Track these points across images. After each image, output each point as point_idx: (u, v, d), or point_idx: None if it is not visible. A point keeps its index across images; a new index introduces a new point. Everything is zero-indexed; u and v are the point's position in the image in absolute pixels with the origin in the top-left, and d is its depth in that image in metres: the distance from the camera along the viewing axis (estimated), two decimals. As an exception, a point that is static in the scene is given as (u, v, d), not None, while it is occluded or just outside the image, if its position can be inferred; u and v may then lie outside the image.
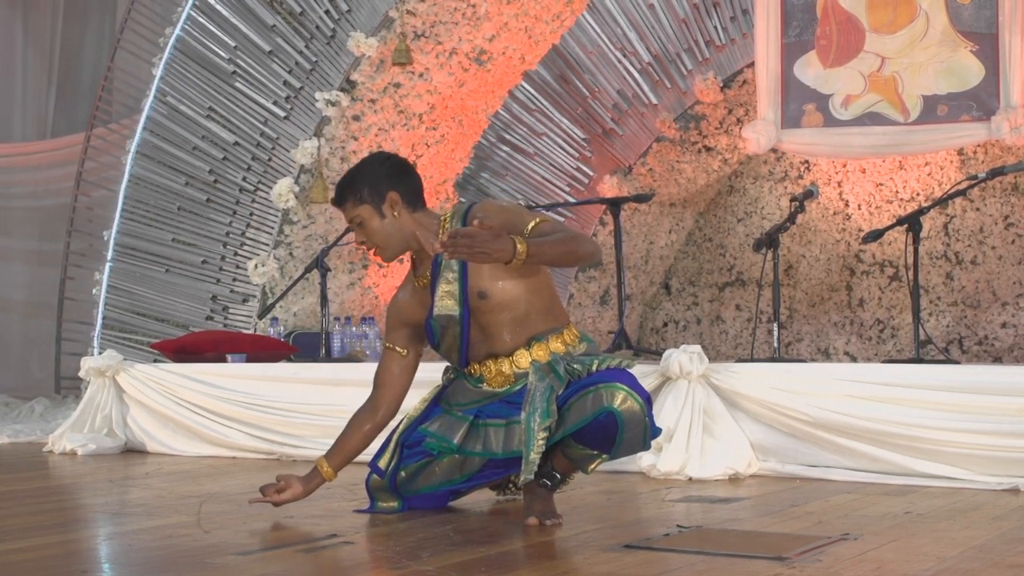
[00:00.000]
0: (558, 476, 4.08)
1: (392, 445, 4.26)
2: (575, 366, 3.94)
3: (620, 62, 8.61)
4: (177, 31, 8.45)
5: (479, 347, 4.11)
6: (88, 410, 6.88)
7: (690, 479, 5.18)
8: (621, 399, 3.78)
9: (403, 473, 4.23)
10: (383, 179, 4.08)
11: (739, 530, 3.89)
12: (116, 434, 6.80)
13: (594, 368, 3.91)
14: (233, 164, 8.41)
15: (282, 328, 7.85)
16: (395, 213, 4.06)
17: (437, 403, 4.27)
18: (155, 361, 7.35)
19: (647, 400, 3.85)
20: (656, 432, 3.96)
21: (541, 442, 3.81)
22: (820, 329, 9.11)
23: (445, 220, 4.09)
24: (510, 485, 4.45)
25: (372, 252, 4.15)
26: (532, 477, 3.85)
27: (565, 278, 9.16)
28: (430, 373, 4.51)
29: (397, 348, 4.24)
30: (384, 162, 4.17)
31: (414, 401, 4.35)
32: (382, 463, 4.26)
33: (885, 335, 8.90)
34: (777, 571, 3.17)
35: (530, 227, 3.91)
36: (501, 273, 3.96)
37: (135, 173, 8.57)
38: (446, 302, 4.06)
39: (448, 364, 4.31)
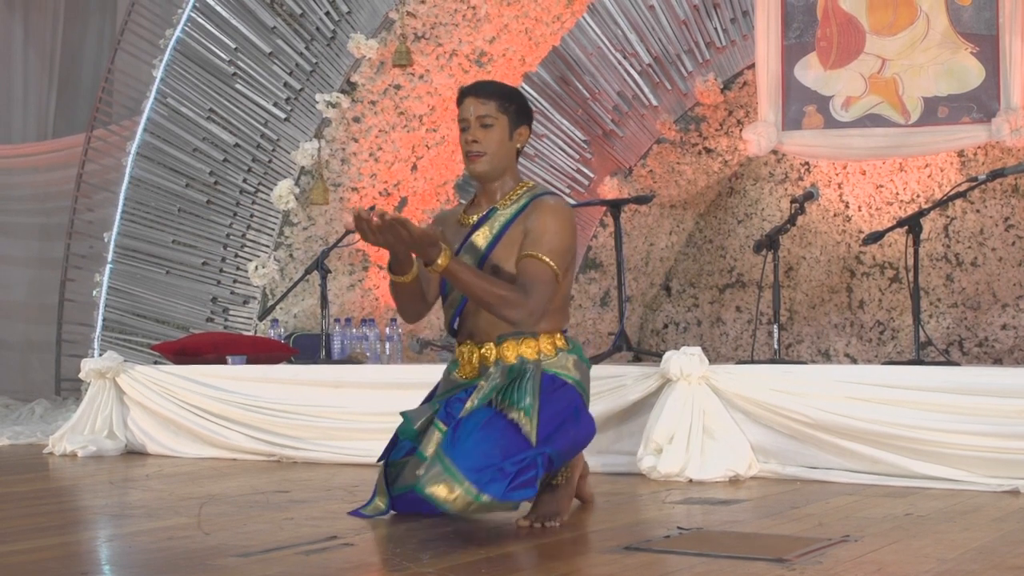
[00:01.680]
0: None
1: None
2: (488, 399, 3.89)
3: (620, 64, 8.61)
4: (177, 33, 8.46)
5: (468, 321, 4.13)
6: (88, 412, 6.89)
7: (690, 481, 5.18)
8: (445, 495, 3.67)
9: (392, 469, 4.16)
10: (528, 113, 4.22)
11: (739, 532, 3.89)
12: (116, 436, 6.81)
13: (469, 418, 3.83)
14: (233, 166, 8.41)
15: (282, 330, 7.85)
16: (517, 145, 4.17)
17: (431, 396, 4.27)
18: (155, 363, 7.36)
19: (474, 470, 3.69)
20: (509, 499, 3.75)
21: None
22: (820, 331, 9.11)
23: (522, 187, 4.17)
24: None
25: (472, 155, 4.11)
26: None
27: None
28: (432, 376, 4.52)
29: None
30: (529, 103, 4.26)
31: None
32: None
33: (885, 337, 8.91)
34: (777, 573, 3.17)
35: (525, 253, 3.97)
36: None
37: (135, 175, 8.57)
38: (468, 255, 4.09)
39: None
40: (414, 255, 3.89)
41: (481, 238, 4.11)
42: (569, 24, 8.33)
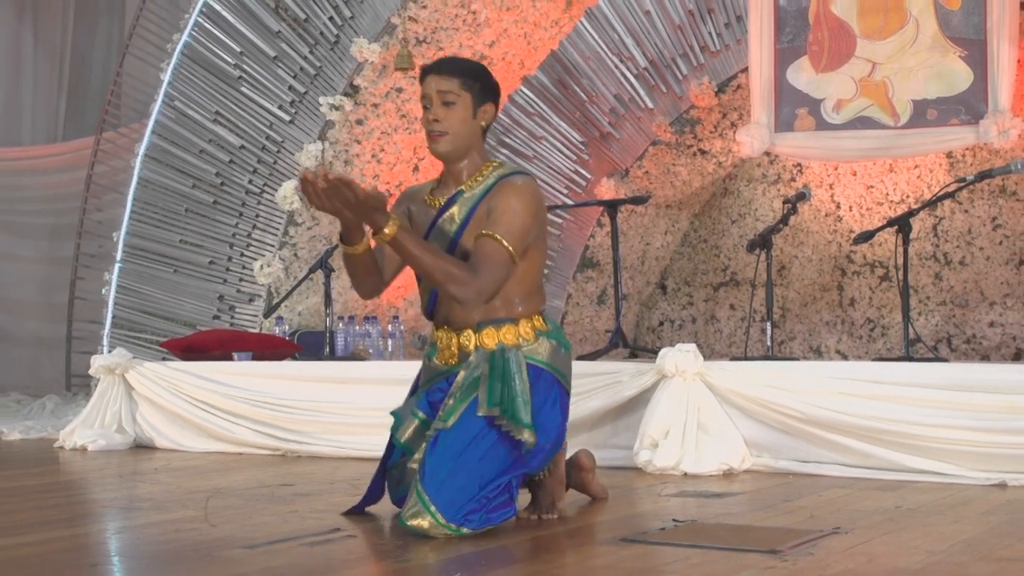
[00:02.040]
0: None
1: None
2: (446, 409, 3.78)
3: (617, 67, 8.61)
4: (185, 37, 8.46)
5: (443, 304, 3.94)
6: (98, 407, 6.89)
7: (685, 474, 5.18)
8: (427, 527, 3.59)
9: (393, 472, 4.01)
10: (494, 90, 3.99)
11: (733, 524, 3.89)
12: (125, 430, 6.81)
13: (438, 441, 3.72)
14: (239, 167, 8.42)
15: (287, 327, 7.86)
16: (482, 123, 3.95)
17: (415, 387, 4.12)
18: (163, 359, 7.36)
19: (451, 507, 3.61)
20: (489, 523, 3.68)
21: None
22: (812, 328, 9.11)
23: (489, 167, 3.96)
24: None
25: (434, 135, 3.88)
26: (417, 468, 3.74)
27: (563, 278, 9.16)
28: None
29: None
30: (494, 79, 4.02)
31: None
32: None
33: (876, 334, 8.91)
34: (770, 564, 3.17)
35: (482, 232, 3.78)
36: None
37: (144, 176, 8.57)
38: (437, 240, 3.92)
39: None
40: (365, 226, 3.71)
41: (449, 223, 3.92)
42: (567, 29, 8.33)
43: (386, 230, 3.61)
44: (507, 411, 3.73)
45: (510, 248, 3.76)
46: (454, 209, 3.92)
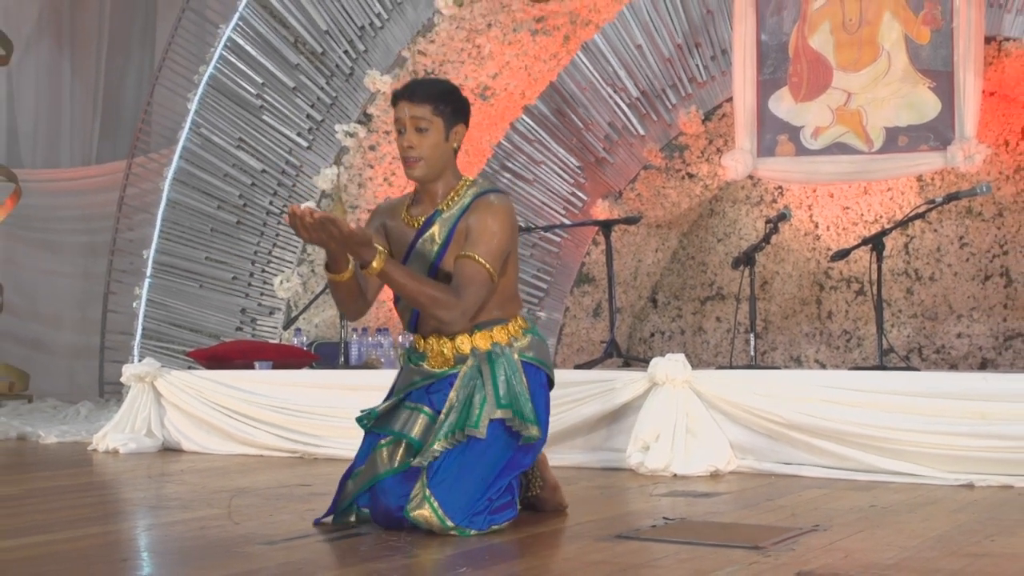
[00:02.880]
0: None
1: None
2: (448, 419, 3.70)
3: (611, 97, 8.62)
4: (210, 69, 8.47)
5: (429, 319, 3.82)
6: (129, 412, 6.88)
7: (675, 475, 5.18)
8: (435, 524, 3.56)
9: (352, 480, 3.87)
10: (464, 111, 3.88)
11: (719, 522, 3.88)
12: (154, 434, 6.80)
13: (439, 443, 3.66)
14: (261, 189, 8.42)
15: (305, 338, 7.85)
16: (453, 145, 3.84)
17: (389, 395, 4.00)
18: (190, 368, 7.36)
19: (459, 512, 3.58)
20: (494, 523, 3.65)
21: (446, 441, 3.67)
22: (792, 339, 9.10)
23: (463, 185, 3.87)
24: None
25: (409, 161, 3.78)
26: (426, 463, 3.65)
27: (561, 293, 9.15)
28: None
29: (377, 245, 3.70)
30: (465, 99, 3.92)
31: None
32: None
33: (851, 344, 8.90)
34: (754, 560, 3.17)
35: (462, 253, 3.72)
36: None
37: (172, 198, 8.59)
38: (417, 262, 3.82)
39: (402, 352, 4.05)
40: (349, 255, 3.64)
41: (429, 243, 3.82)
42: (565, 61, 8.35)
43: (373, 264, 3.55)
44: (516, 412, 3.72)
45: (489, 268, 3.71)
46: (434, 229, 3.83)
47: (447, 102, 3.81)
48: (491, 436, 3.68)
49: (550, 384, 3.95)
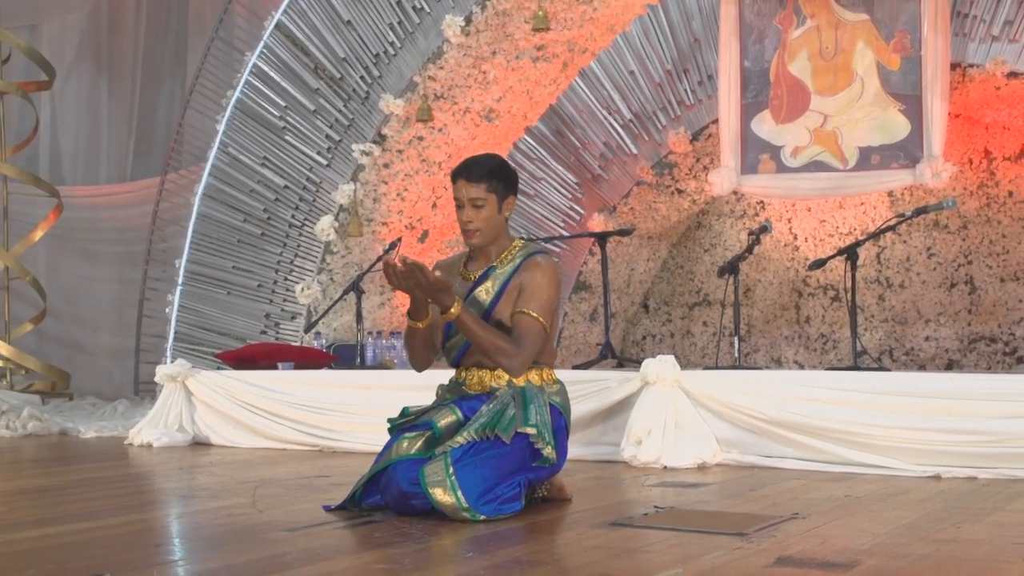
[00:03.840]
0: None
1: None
2: (480, 426, 3.77)
3: (606, 119, 8.63)
4: (237, 93, 8.48)
5: (473, 355, 3.99)
6: (162, 409, 6.89)
7: (665, 468, 5.18)
8: (448, 504, 3.61)
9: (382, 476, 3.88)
10: (514, 183, 4.02)
11: (706, 510, 3.89)
12: (185, 429, 6.81)
13: (471, 435, 3.74)
14: (283, 204, 8.43)
15: (324, 341, 7.86)
16: (506, 215, 3.99)
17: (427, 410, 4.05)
18: (218, 368, 7.36)
19: (476, 497, 3.63)
20: (500, 513, 3.69)
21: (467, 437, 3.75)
22: (773, 342, 9.10)
23: (514, 247, 4.03)
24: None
25: (468, 232, 3.95)
26: (449, 450, 3.71)
27: (561, 298, 9.16)
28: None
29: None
30: (513, 170, 4.06)
31: None
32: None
33: (828, 347, 8.90)
34: (738, 545, 3.17)
35: (519, 310, 3.88)
36: None
37: (202, 211, 8.59)
38: (472, 308, 3.94)
39: (440, 385, 4.16)
40: (430, 302, 3.81)
41: (484, 294, 3.97)
42: (563, 86, 8.36)
43: (452, 310, 3.75)
44: (540, 432, 3.81)
45: (543, 321, 3.90)
46: (488, 283, 4.00)
47: (499, 179, 3.97)
48: (514, 444, 3.78)
49: (567, 431, 4.06)
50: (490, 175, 3.95)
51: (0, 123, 10.17)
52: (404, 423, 3.96)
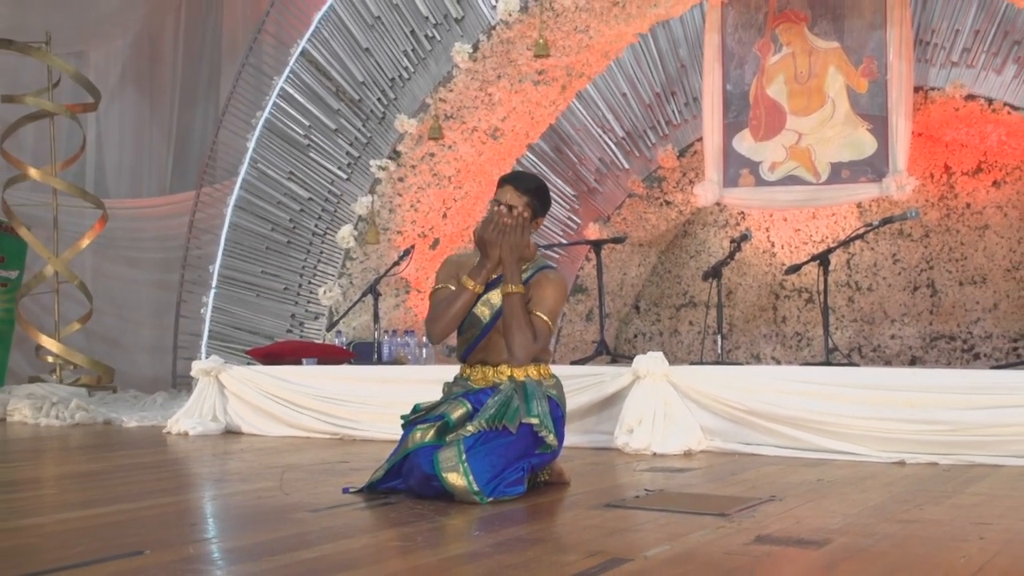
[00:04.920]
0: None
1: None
2: (488, 417, 3.79)
3: (601, 137, 8.64)
4: (265, 114, 8.49)
5: (480, 353, 4.03)
6: (197, 401, 6.89)
7: (654, 454, 5.17)
8: (460, 486, 3.61)
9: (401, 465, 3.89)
10: (547, 208, 4.06)
11: (692, 493, 3.88)
12: (218, 419, 6.81)
13: (484, 424, 3.76)
14: (307, 214, 8.44)
15: (344, 338, 7.86)
16: (534, 229, 4.02)
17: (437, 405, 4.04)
18: (248, 364, 7.36)
19: (485, 482, 3.64)
20: (505, 495, 3.69)
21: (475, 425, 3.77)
22: (753, 340, 9.10)
23: (533, 258, 4.07)
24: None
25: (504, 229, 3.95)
26: (460, 438, 3.72)
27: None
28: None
29: (449, 285, 4.04)
30: (550, 199, 4.11)
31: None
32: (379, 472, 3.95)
33: (802, 344, 8.89)
34: (720, 524, 3.16)
35: (531, 312, 3.90)
36: None
37: (233, 221, 8.60)
38: (483, 310, 3.99)
39: (446, 383, 4.17)
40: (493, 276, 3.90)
41: (497, 297, 3.98)
42: (562, 107, 8.36)
43: (517, 289, 3.84)
44: (543, 422, 3.83)
45: (550, 323, 3.96)
46: (497, 289, 3.98)
47: (539, 199, 4.01)
48: (519, 433, 3.80)
49: (563, 420, 4.08)
50: (535, 193, 4.00)
51: (51, 141, 10.20)
52: (416, 418, 3.97)
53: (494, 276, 3.98)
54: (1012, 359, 8.10)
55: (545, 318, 3.92)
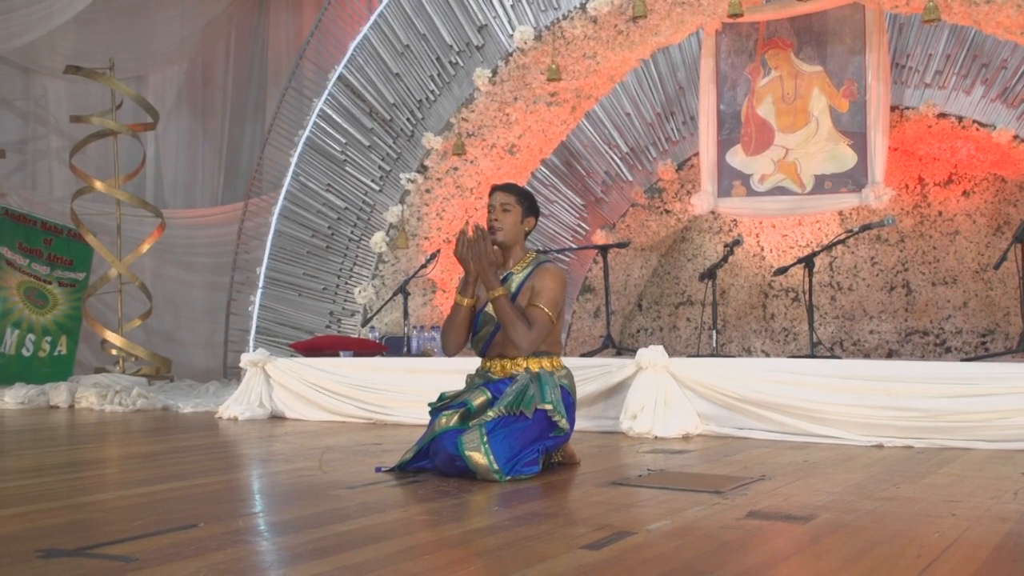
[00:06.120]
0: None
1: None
2: (505, 405, 3.78)
3: (607, 152, 8.62)
4: (307, 132, 8.51)
5: (497, 347, 4.02)
6: (246, 389, 6.92)
7: (656, 437, 5.16)
8: (481, 464, 3.63)
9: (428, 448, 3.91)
10: (535, 208, 4.12)
11: (690, 472, 3.87)
12: (265, 406, 6.83)
13: (502, 411, 3.76)
14: (344, 222, 8.45)
15: (377, 333, 7.87)
16: (525, 228, 4.08)
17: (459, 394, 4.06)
18: (291, 356, 7.38)
19: (504, 461, 3.65)
20: (521, 474, 3.70)
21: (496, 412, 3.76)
22: (744, 334, 9.07)
23: (528, 257, 4.09)
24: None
25: (495, 229, 4.02)
26: (482, 423, 3.72)
27: (571, 300, 9.15)
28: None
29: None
30: (536, 201, 4.15)
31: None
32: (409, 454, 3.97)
33: (789, 338, 8.86)
34: (716, 501, 3.15)
35: (531, 304, 3.91)
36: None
37: (278, 228, 8.62)
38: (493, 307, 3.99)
39: (469, 374, 4.18)
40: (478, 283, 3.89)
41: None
42: (572, 125, 8.36)
43: (498, 292, 3.84)
44: (556, 407, 3.85)
45: (550, 314, 3.95)
46: (507, 285, 4.01)
47: (525, 197, 4.10)
48: (535, 419, 3.82)
49: (574, 406, 4.08)
50: (519, 192, 4.11)
51: (115, 157, 10.25)
52: (441, 406, 3.98)
53: (473, 286, 3.99)
54: (980, 352, 8.05)
55: (545, 308, 3.93)
